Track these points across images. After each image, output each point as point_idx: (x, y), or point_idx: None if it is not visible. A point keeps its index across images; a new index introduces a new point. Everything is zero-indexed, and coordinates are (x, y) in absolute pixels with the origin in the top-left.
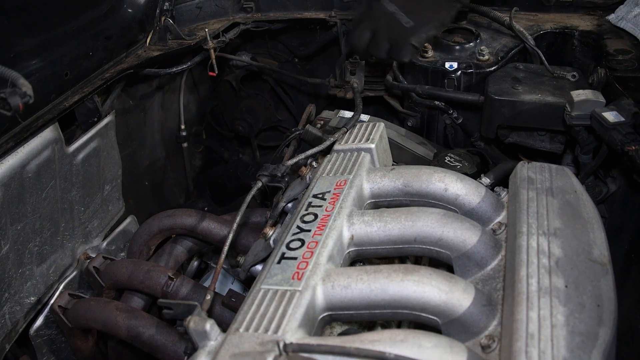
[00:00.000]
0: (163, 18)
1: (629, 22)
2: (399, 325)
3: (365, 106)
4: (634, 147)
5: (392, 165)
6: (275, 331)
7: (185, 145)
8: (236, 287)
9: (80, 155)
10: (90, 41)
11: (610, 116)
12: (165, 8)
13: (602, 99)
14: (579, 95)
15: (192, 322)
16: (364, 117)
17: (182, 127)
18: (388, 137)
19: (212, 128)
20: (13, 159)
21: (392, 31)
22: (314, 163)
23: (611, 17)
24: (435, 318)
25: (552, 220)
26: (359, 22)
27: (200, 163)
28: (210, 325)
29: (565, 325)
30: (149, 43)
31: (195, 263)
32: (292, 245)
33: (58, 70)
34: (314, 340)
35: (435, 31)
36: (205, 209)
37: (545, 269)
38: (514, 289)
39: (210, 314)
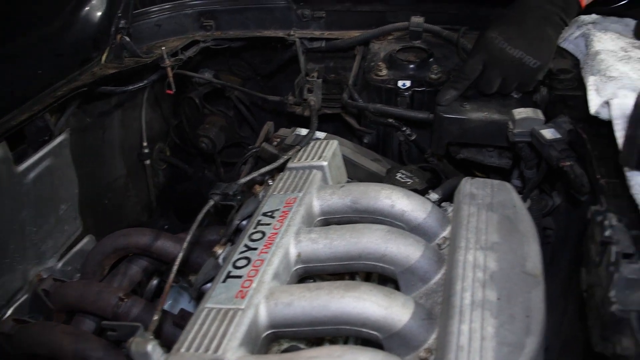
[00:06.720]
0: (119, 36)
1: (571, 43)
2: (346, 341)
3: (324, 123)
4: (568, 163)
5: (347, 182)
6: (216, 350)
7: (147, 162)
8: (193, 306)
9: (31, 175)
10: (40, 59)
11: (548, 133)
12: (121, 26)
13: (541, 117)
14: (520, 113)
15: (134, 344)
16: (321, 134)
17: (145, 144)
18: (342, 154)
19: (176, 145)
20: None
21: (521, 75)
22: (269, 181)
23: None
24: (375, 333)
25: (490, 235)
26: (484, 69)
27: (164, 180)
28: (152, 347)
29: (494, 336)
30: (104, 61)
31: (154, 282)
32: (238, 263)
33: (5, 89)
34: (254, 359)
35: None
36: (166, 227)
37: (479, 283)
38: (448, 302)
39: (161, 333)
